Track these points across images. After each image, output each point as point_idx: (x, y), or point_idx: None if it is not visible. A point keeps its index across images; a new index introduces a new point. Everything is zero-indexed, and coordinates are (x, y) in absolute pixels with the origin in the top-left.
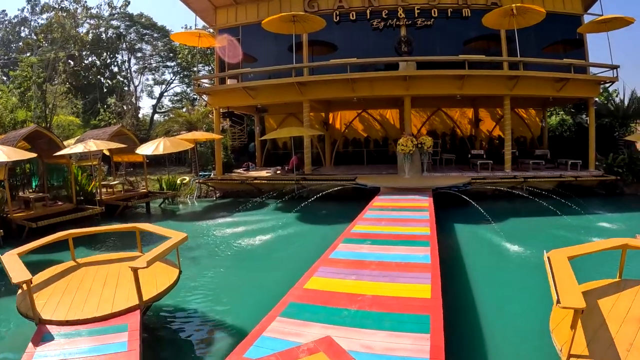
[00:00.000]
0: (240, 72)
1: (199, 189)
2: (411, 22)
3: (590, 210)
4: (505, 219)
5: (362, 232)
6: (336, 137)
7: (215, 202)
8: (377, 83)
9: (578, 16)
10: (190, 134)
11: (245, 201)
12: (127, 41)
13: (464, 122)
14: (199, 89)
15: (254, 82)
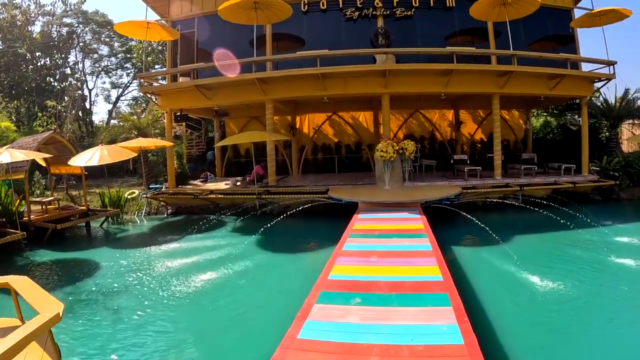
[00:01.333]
0: (191, 67)
1: (148, 205)
2: (389, 12)
3: (597, 220)
4: (510, 236)
5: (344, 280)
6: (304, 142)
7: (166, 220)
8: (352, 79)
9: (568, 10)
10: (135, 141)
11: (200, 219)
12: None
13: (444, 125)
14: (146, 88)
15: (208, 80)
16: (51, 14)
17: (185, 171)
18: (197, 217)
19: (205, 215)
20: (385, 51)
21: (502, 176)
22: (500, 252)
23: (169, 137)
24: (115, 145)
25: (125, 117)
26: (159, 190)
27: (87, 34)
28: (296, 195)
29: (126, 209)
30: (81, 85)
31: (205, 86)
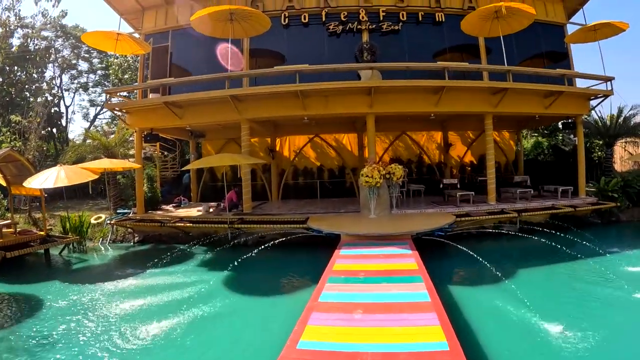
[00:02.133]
0: (159, 83)
1: (113, 231)
2: (375, 26)
3: (602, 246)
4: (512, 270)
5: (319, 352)
6: (284, 166)
7: (132, 249)
8: (334, 98)
9: (561, 26)
10: (97, 162)
11: (168, 249)
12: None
13: (432, 148)
14: (112, 104)
15: (178, 97)
16: (30, 27)
17: (157, 195)
18: (165, 247)
19: (175, 245)
20: (371, 66)
21: (496, 201)
22: (505, 293)
23: (138, 159)
24: (76, 166)
25: (92, 136)
26: (126, 215)
27: (67, 48)
28: (272, 225)
29: (91, 234)
30: (57, 101)
31: (176, 104)
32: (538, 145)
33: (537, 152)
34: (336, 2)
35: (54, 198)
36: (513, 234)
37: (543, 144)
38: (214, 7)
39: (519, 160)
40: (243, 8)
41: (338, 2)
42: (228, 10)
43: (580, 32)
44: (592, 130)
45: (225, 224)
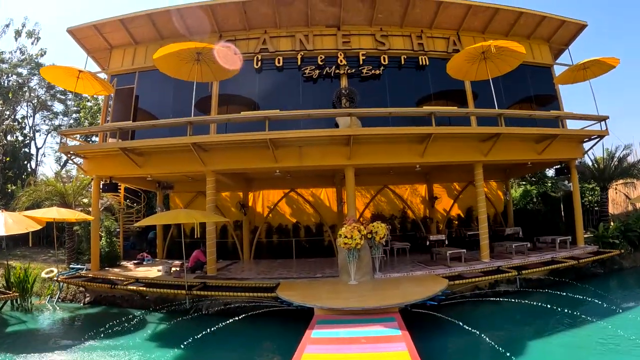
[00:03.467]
0: (115, 126)
1: (60, 289)
2: (355, 70)
3: (615, 302)
4: (518, 345)
5: None
6: (257, 223)
7: (80, 311)
8: (309, 148)
9: (548, 67)
10: (44, 210)
11: (120, 314)
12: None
13: (417, 202)
14: (66, 147)
15: (136, 143)
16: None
17: (115, 251)
18: (117, 311)
19: (129, 309)
20: (349, 112)
21: (490, 258)
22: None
23: (95, 209)
24: (19, 214)
25: (46, 181)
26: (78, 272)
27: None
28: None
29: (39, 290)
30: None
31: (135, 151)
32: (527, 193)
33: (526, 200)
34: (313, 45)
35: (16, 243)
36: (511, 293)
37: (532, 192)
38: (179, 45)
39: (509, 211)
40: (210, 47)
41: (315, 45)
42: (194, 49)
43: (570, 72)
44: (586, 174)
45: (183, 289)
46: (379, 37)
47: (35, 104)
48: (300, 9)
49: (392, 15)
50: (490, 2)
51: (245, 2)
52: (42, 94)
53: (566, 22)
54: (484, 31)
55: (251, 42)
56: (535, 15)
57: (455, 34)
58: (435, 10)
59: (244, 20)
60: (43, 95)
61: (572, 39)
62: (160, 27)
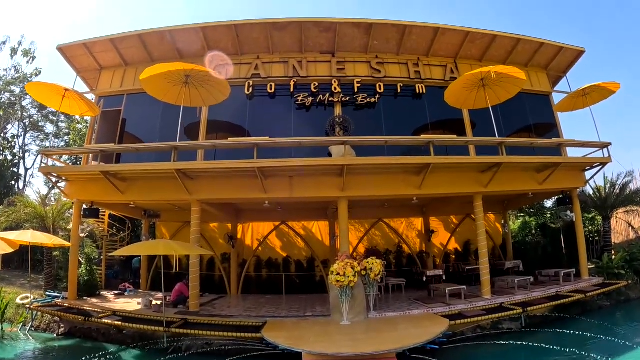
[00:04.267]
0: (94, 148)
1: (36, 317)
2: (349, 98)
3: (631, 337)
4: None
5: None
6: (246, 256)
7: (51, 342)
8: (300, 179)
9: (547, 95)
10: (18, 233)
11: (93, 349)
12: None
13: (412, 236)
14: (47, 168)
15: (117, 167)
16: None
17: (95, 280)
18: (91, 346)
19: (104, 344)
20: (343, 140)
21: (491, 294)
22: None
23: (74, 235)
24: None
25: (25, 203)
26: (53, 300)
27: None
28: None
29: (14, 316)
30: (17, 161)
31: (118, 175)
32: (526, 225)
33: (525, 233)
34: (306, 71)
35: None
36: (515, 332)
37: (531, 223)
38: (166, 65)
39: (508, 244)
40: (199, 69)
41: (308, 71)
42: (183, 71)
43: (569, 98)
44: (588, 203)
45: (161, 325)
46: (374, 65)
47: (26, 124)
48: (294, 34)
49: (388, 42)
50: (488, 29)
51: (238, 26)
52: (34, 114)
53: (564, 48)
54: (481, 59)
55: (243, 67)
56: (533, 41)
57: (453, 62)
58: (432, 38)
59: (236, 45)
60: (35, 115)
61: (570, 66)
62: (151, 49)
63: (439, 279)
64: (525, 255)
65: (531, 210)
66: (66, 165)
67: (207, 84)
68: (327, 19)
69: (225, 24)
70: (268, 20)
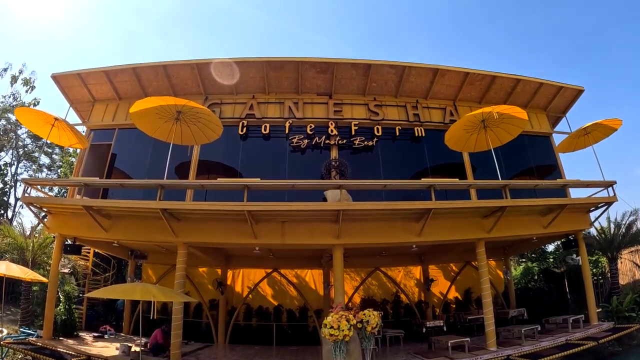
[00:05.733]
0: (81, 181)
1: (6, 354)
2: (346, 141)
3: None
4: None
5: None
6: (236, 303)
7: None
8: (293, 225)
9: (547, 136)
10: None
11: None
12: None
13: (411, 285)
14: (29, 198)
15: (100, 202)
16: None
17: (73, 319)
18: None
19: None
20: (339, 184)
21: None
22: None
23: (54, 271)
24: None
25: (5, 231)
26: (27, 337)
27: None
28: None
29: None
30: (8, 190)
31: (101, 212)
32: (528, 271)
33: (527, 279)
34: (302, 112)
35: None
36: None
37: (533, 269)
38: (157, 99)
39: (510, 291)
40: (192, 105)
41: (304, 113)
42: (174, 106)
43: (571, 138)
44: (594, 245)
45: None
46: (372, 107)
47: (20, 153)
48: (291, 74)
49: (387, 84)
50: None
51: (234, 63)
52: (29, 143)
53: (563, 87)
54: (480, 101)
55: (237, 107)
56: (533, 82)
57: (452, 104)
58: (431, 79)
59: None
60: (30, 144)
61: (569, 105)
62: (145, 84)
63: (440, 330)
64: (528, 302)
65: (533, 256)
66: (49, 196)
67: (199, 121)
68: (324, 59)
69: (221, 60)
70: (264, 58)
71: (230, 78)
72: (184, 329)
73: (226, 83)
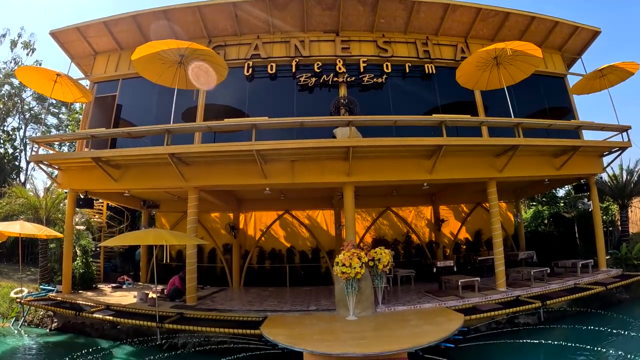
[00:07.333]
0: (88, 133)
1: (29, 311)
2: (355, 79)
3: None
4: None
5: None
6: (249, 247)
7: (43, 338)
8: (303, 163)
9: (561, 77)
10: (6, 224)
11: (86, 345)
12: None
13: (421, 225)
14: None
15: (109, 152)
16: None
17: (91, 272)
18: (83, 341)
19: (97, 340)
20: (349, 120)
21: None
22: None
23: (68, 226)
24: None
25: (16, 193)
26: (47, 294)
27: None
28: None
29: (7, 311)
30: (18, 154)
31: (110, 162)
32: (538, 215)
33: (537, 222)
34: (309, 51)
35: None
36: (532, 326)
37: (544, 213)
38: (159, 43)
39: (520, 234)
40: (194, 47)
41: (311, 51)
42: (177, 50)
43: (586, 80)
44: (605, 191)
45: (155, 320)
46: (381, 44)
47: (26, 116)
48: (295, 13)
49: (395, 20)
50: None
51: (236, 4)
52: (35, 106)
53: (580, 28)
54: (493, 38)
55: (242, 48)
56: (548, 20)
57: (464, 41)
58: (442, 15)
59: (234, 25)
60: (36, 107)
61: (585, 47)
62: (146, 31)
63: (450, 270)
64: (538, 245)
65: (543, 199)
66: (56, 152)
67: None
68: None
69: (223, 2)
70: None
71: (233, 19)
72: (200, 275)
73: (229, 24)
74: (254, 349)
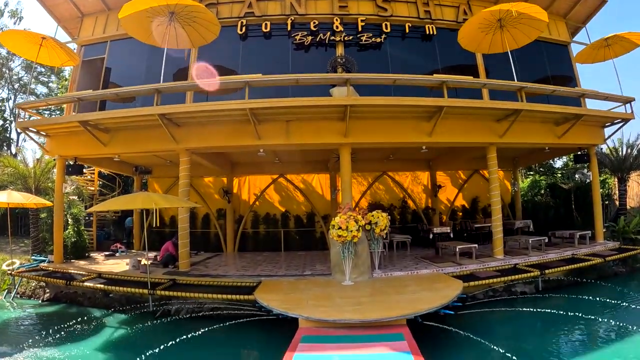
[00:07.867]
0: (75, 96)
1: (20, 283)
2: (352, 38)
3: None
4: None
5: None
6: (243, 212)
7: (35, 309)
8: (298, 123)
9: (565, 45)
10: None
11: (78, 314)
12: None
13: (418, 191)
14: (26, 122)
15: (96, 114)
16: None
17: (83, 241)
18: (75, 311)
19: (89, 309)
20: (346, 78)
21: (503, 254)
22: None
23: (58, 194)
24: None
25: (5, 162)
26: (39, 264)
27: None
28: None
29: None
30: (7, 125)
31: (99, 126)
32: (535, 184)
33: (534, 192)
34: (305, 9)
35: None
36: (529, 295)
37: (541, 182)
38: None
39: (517, 203)
40: (185, 3)
41: (307, 9)
42: (166, 7)
43: (590, 49)
44: (605, 163)
45: (146, 287)
46: (380, 2)
47: (15, 87)
48: None
49: None
50: None
51: None
52: (24, 76)
53: None
54: (496, 1)
55: (235, 6)
56: None
57: (466, 2)
58: None
59: None
60: (25, 76)
61: (590, 16)
62: None
63: (447, 236)
64: (534, 215)
65: (541, 170)
66: (43, 118)
67: (194, 21)
68: None
69: None
70: None
71: None
72: (194, 241)
73: None
74: (248, 315)
